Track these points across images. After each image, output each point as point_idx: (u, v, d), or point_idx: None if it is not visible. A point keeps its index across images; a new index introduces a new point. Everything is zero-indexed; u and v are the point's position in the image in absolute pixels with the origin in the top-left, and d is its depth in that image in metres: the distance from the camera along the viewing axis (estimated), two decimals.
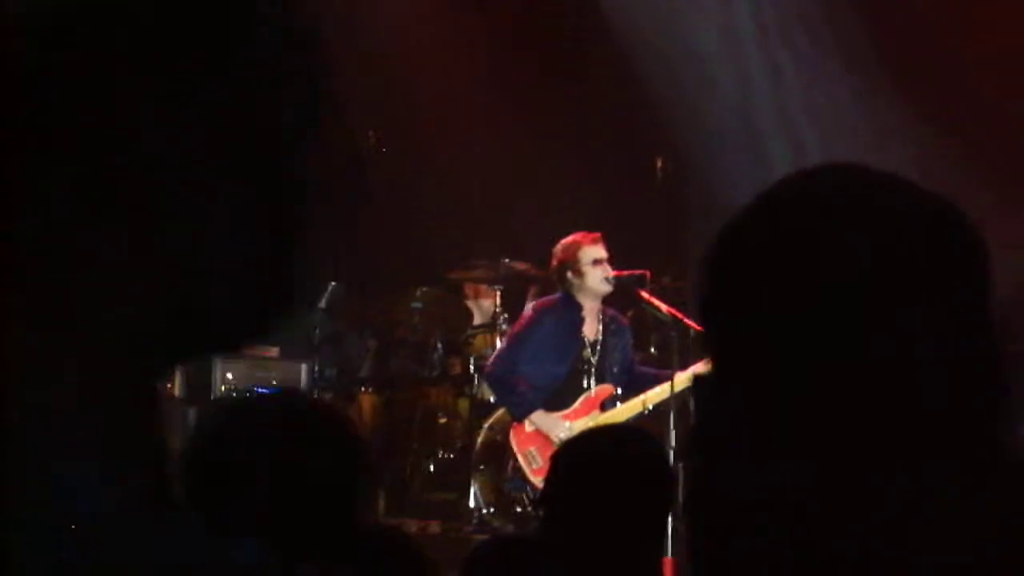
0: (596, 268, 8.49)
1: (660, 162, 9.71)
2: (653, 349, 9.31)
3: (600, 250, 8.52)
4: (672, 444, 7.78)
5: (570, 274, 8.52)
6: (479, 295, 10.24)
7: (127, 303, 1.15)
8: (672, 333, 8.62)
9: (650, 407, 8.40)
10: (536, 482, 8.20)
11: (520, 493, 8.49)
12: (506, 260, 9.72)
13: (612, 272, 8.53)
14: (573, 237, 8.60)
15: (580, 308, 8.57)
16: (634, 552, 3.22)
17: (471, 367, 9.56)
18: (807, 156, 8.96)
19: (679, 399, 8.13)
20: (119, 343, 1.16)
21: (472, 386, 9.42)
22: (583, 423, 8.25)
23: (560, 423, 8.40)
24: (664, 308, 8.66)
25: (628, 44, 10.93)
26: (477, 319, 10.17)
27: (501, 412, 8.84)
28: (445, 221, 11.20)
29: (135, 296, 1.16)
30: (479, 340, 9.81)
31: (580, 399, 8.55)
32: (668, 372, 8.38)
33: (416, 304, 10.32)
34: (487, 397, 9.16)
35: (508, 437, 8.55)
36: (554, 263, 8.63)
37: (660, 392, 8.35)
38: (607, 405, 8.59)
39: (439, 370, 9.94)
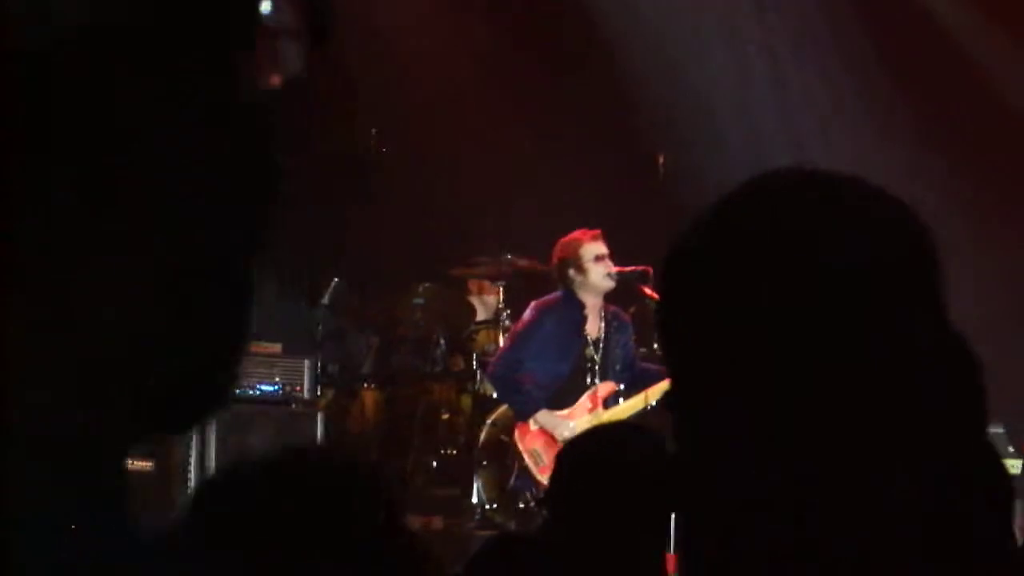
0: (598, 264, 8.48)
1: (661, 159, 9.70)
2: (655, 345, 9.30)
3: (601, 246, 8.51)
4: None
5: (571, 271, 8.51)
6: (483, 291, 10.24)
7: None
8: None
9: (653, 403, 8.40)
10: (542, 480, 8.19)
11: (525, 491, 8.49)
12: (508, 256, 9.71)
13: (614, 268, 8.52)
14: (573, 234, 8.58)
15: (582, 306, 8.56)
16: (637, 550, 3.24)
17: (474, 363, 9.56)
18: (807, 155, 8.97)
19: None
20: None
21: (475, 382, 9.41)
22: (586, 421, 8.24)
23: (564, 422, 8.40)
24: None
25: (629, 43, 10.94)
26: (480, 315, 10.16)
27: (504, 408, 8.83)
28: (447, 218, 11.20)
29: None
30: (482, 336, 9.81)
31: (583, 397, 8.55)
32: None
33: (418, 300, 10.32)
34: (490, 393, 9.15)
35: (512, 436, 8.55)
36: (555, 261, 8.61)
37: (662, 387, 8.35)
38: (610, 403, 8.59)
39: (442, 366, 9.93)
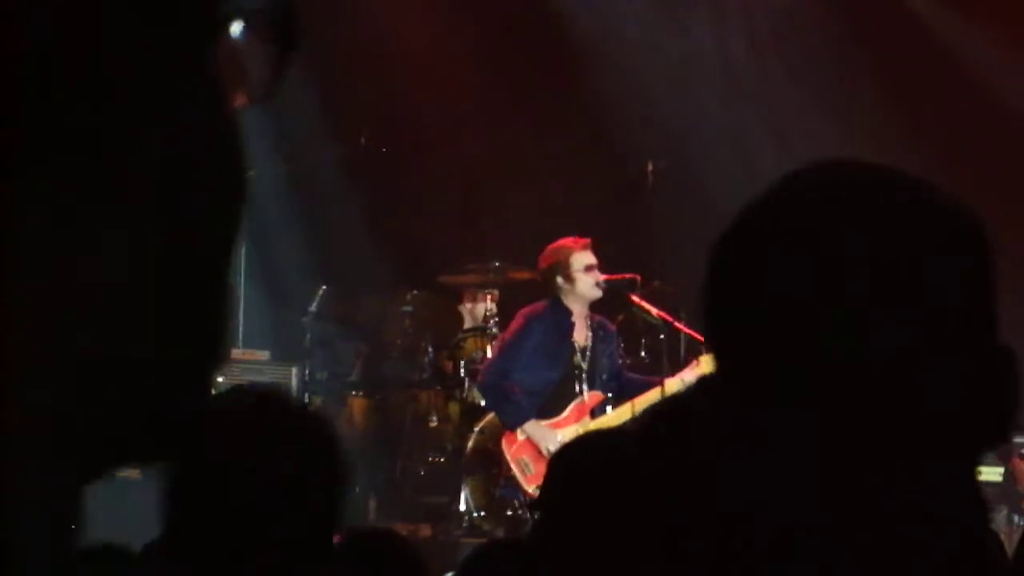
0: (587, 275, 8.47)
1: (651, 166, 9.70)
2: (643, 353, 9.31)
3: (590, 256, 8.51)
4: None
5: (560, 279, 8.50)
6: (476, 300, 10.22)
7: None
8: (663, 337, 8.63)
9: (640, 413, 8.38)
10: (529, 490, 8.20)
11: (512, 499, 8.48)
12: (497, 264, 9.70)
13: (602, 277, 8.52)
14: (562, 242, 8.58)
15: (569, 313, 8.56)
16: (630, 558, 3.22)
17: (462, 371, 9.55)
18: (795, 159, 8.97)
19: None
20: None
21: (463, 390, 9.40)
22: (573, 431, 8.22)
23: (551, 433, 8.38)
24: (655, 312, 8.67)
25: (617, 49, 10.94)
26: (468, 323, 10.16)
27: (492, 416, 8.82)
28: (436, 225, 11.20)
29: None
30: (470, 344, 9.80)
31: (571, 406, 8.54)
32: (657, 379, 8.37)
33: (407, 308, 10.31)
34: (478, 401, 9.15)
35: (500, 444, 8.54)
36: (543, 267, 8.60)
37: (650, 397, 8.34)
38: (597, 412, 8.59)
39: (429, 374, 9.93)
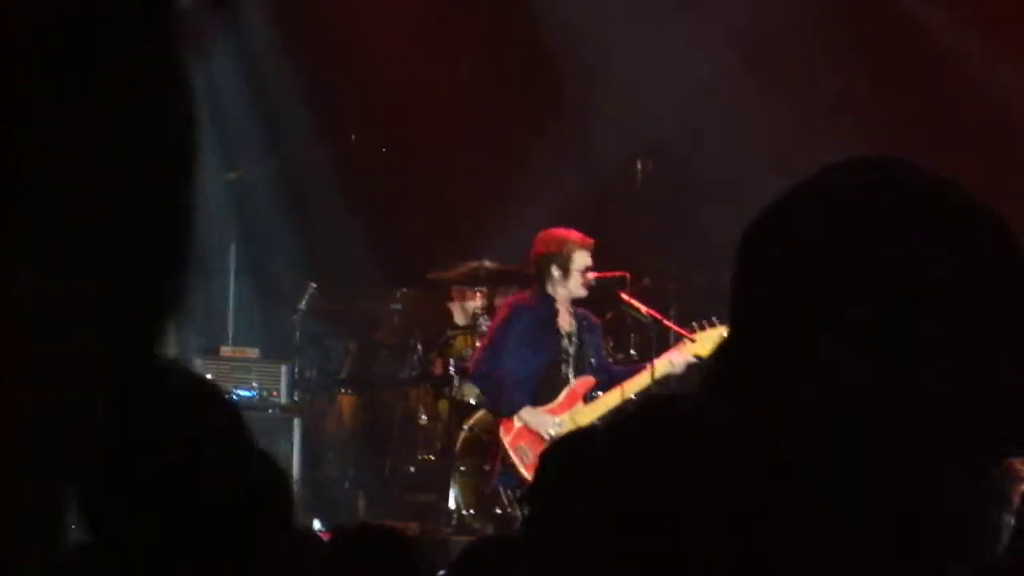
0: (582, 275, 8.46)
1: (640, 163, 9.71)
2: (633, 351, 9.32)
3: (589, 258, 8.47)
4: None
5: (555, 268, 8.46)
6: (465, 298, 10.22)
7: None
8: (651, 334, 8.65)
9: (631, 396, 8.40)
10: (527, 476, 8.20)
11: (508, 488, 8.48)
12: (486, 262, 9.69)
13: (593, 275, 8.51)
14: (569, 234, 8.49)
15: (554, 301, 8.56)
16: (617, 552, 3.22)
17: (451, 368, 9.55)
18: (788, 158, 8.98)
19: (659, 387, 8.21)
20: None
21: (452, 387, 9.41)
22: (568, 416, 8.33)
23: (548, 418, 8.42)
24: (644, 309, 8.68)
25: (605, 48, 10.94)
26: (459, 320, 10.16)
27: (481, 413, 8.83)
28: (426, 223, 11.19)
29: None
30: (459, 341, 9.80)
31: (563, 392, 8.56)
32: (645, 365, 8.41)
33: (396, 306, 10.32)
34: (467, 398, 9.15)
35: (494, 434, 8.54)
36: (541, 251, 8.53)
37: (640, 381, 8.36)
38: (589, 397, 8.60)
39: (419, 371, 9.93)
